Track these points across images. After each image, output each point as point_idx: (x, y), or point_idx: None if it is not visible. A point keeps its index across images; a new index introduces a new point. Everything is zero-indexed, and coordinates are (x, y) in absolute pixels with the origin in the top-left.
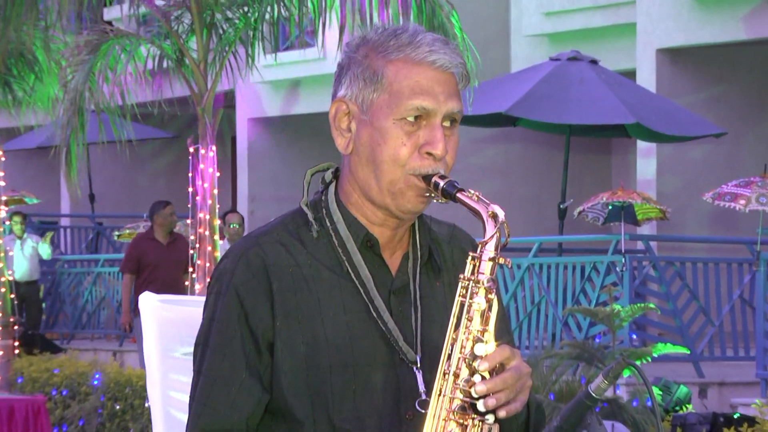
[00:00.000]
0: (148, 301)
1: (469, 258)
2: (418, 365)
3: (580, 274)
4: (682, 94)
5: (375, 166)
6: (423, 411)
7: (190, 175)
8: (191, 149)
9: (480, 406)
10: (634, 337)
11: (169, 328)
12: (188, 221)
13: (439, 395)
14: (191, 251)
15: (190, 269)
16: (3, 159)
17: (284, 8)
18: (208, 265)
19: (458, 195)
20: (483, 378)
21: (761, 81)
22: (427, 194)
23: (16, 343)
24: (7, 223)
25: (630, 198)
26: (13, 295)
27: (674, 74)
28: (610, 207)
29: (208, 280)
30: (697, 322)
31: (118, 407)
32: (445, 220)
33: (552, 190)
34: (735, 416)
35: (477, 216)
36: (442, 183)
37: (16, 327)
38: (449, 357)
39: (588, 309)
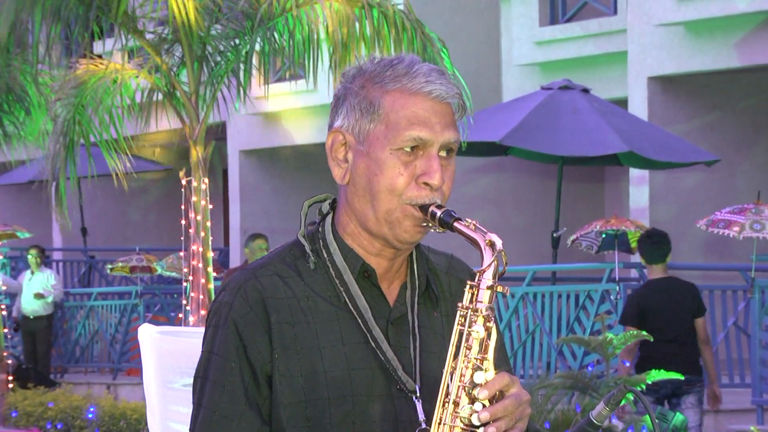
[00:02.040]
0: (147, 332)
1: (467, 287)
2: (417, 394)
3: (575, 303)
4: (674, 122)
5: (372, 196)
6: None
7: (182, 207)
8: (183, 182)
9: None
10: (627, 364)
11: (168, 359)
12: (181, 254)
13: (439, 424)
14: (184, 283)
15: (183, 302)
16: None
17: (274, 41)
18: (201, 297)
19: (455, 224)
20: (483, 406)
21: (754, 108)
22: (425, 224)
23: (10, 378)
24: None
25: (623, 226)
26: (6, 329)
27: (666, 102)
28: (603, 235)
29: (203, 312)
30: None
31: None
32: (442, 250)
33: (545, 219)
34: None
35: (474, 245)
36: (439, 212)
37: (9, 361)
38: (448, 386)
39: (580, 338)
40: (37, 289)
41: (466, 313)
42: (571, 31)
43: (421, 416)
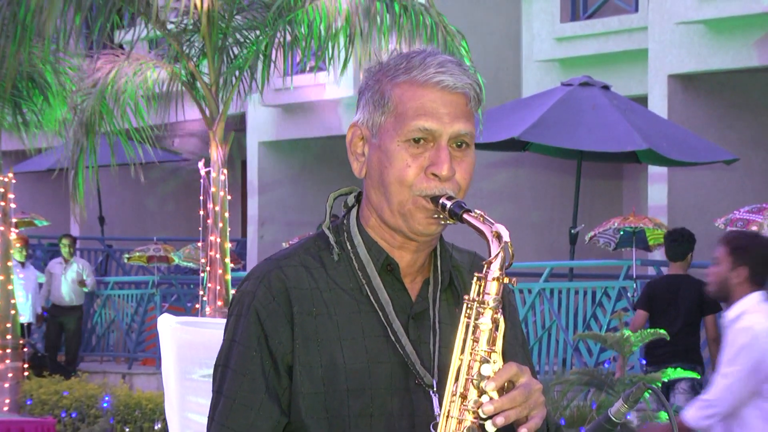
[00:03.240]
0: (166, 323)
1: (474, 279)
2: (435, 389)
3: (591, 300)
4: (693, 120)
5: (384, 188)
6: None
7: (201, 198)
8: (203, 172)
9: (489, 426)
10: (644, 362)
11: (187, 350)
12: (199, 244)
13: (448, 417)
14: (202, 274)
15: (201, 292)
16: (13, 181)
17: (295, 33)
18: (218, 288)
19: (464, 216)
20: (491, 398)
21: None
22: (436, 216)
23: (26, 366)
24: (14, 247)
25: (641, 223)
26: (19, 319)
27: (686, 100)
28: (621, 232)
29: (220, 303)
30: None
31: (127, 430)
32: (465, 248)
33: (563, 215)
34: None
35: (482, 236)
36: (449, 204)
37: (25, 349)
38: (456, 379)
39: (597, 334)
40: (73, 275)
41: (473, 305)
42: (592, 27)
43: (437, 410)
